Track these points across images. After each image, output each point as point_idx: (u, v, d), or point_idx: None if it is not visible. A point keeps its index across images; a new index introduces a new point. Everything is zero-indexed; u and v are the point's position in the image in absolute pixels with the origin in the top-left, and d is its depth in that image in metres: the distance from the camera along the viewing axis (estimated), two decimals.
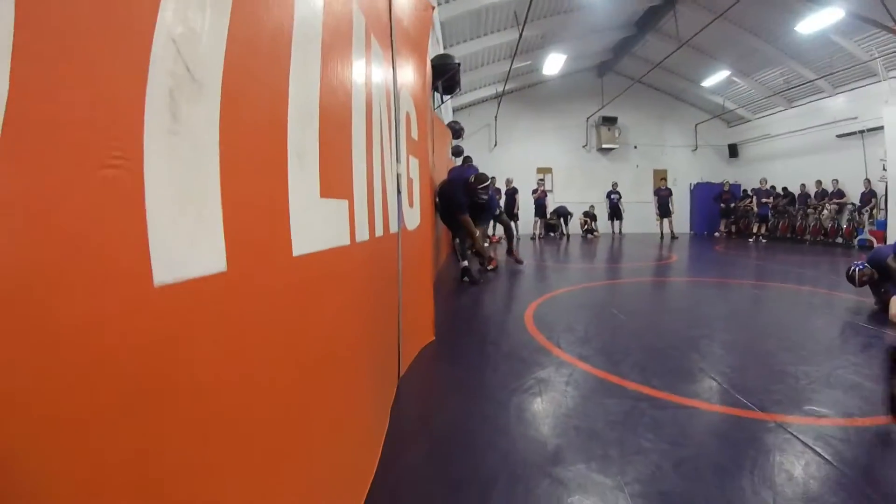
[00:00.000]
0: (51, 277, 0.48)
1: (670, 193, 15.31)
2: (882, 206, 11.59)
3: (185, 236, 0.70)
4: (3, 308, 0.44)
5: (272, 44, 0.99)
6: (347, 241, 1.50)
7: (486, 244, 8.19)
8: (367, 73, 1.81)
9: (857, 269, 4.74)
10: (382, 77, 2.16)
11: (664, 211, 15.26)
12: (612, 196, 15.79)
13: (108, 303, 0.56)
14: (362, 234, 1.69)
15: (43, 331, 0.47)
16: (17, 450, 0.45)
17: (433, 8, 3.55)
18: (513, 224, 13.96)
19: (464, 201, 6.00)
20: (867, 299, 4.88)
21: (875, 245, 10.95)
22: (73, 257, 0.51)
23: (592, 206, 16.35)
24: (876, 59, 11.51)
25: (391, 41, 2.38)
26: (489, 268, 7.26)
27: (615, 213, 15.80)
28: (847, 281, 4.86)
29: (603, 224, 16.29)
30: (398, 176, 2.56)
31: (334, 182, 1.37)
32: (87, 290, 0.53)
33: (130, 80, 0.60)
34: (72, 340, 0.51)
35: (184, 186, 0.70)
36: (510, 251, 7.45)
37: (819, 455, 1.93)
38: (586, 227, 16.03)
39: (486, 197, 6.23)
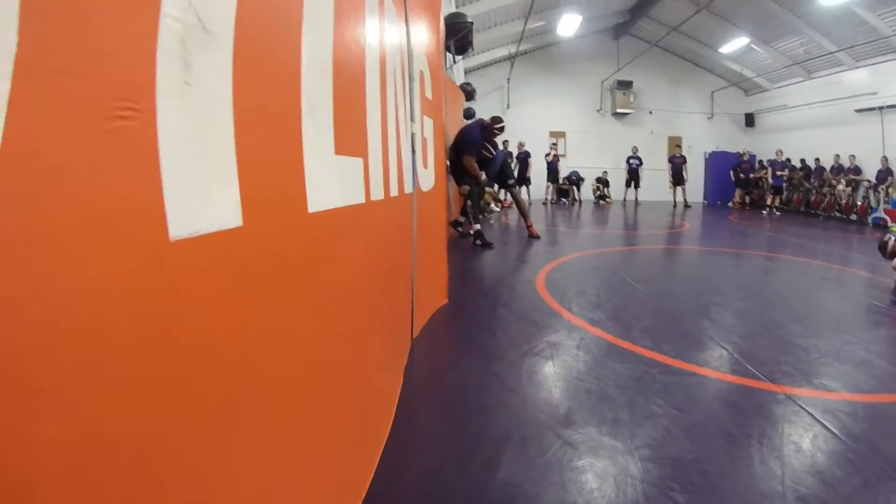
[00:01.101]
0: (66, 231, 0.47)
1: (684, 161, 15.02)
2: None
3: (201, 190, 0.69)
4: (21, 261, 0.43)
5: None
6: (363, 199, 1.49)
7: (498, 209, 8.11)
8: (381, 29, 1.77)
9: (892, 238, 4.63)
10: (396, 34, 2.12)
11: (678, 179, 14.97)
12: (632, 161, 15.38)
13: (124, 257, 0.55)
14: (377, 193, 1.68)
15: (59, 285, 0.47)
16: (33, 398, 0.44)
17: None
18: (524, 189, 13.93)
19: (478, 140, 6.00)
20: (880, 277, 4.84)
21: (889, 223, 10.84)
22: (88, 211, 0.50)
23: (605, 172, 16.14)
24: None
25: None
26: (461, 229, 7.24)
27: (633, 178, 15.42)
28: (878, 250, 4.78)
29: (616, 191, 16.10)
30: (413, 135, 2.53)
31: (349, 139, 1.35)
32: (103, 245, 0.52)
33: (141, 27, 0.58)
34: (89, 295, 0.50)
35: (198, 139, 0.68)
36: (528, 227, 7.26)
37: (827, 428, 1.93)
38: (598, 193, 15.88)
39: (493, 153, 6.22)
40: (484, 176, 6.28)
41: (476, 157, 6.10)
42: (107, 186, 0.53)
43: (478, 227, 6.40)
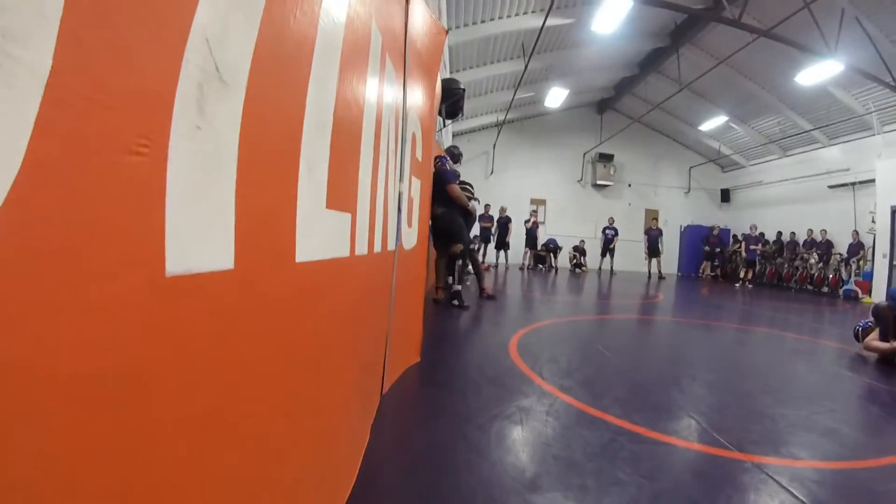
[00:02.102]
0: (70, 252, 0.50)
1: (660, 233, 15.39)
2: (869, 257, 11.80)
3: (200, 231, 0.71)
4: (23, 276, 0.45)
5: (296, 53, 1.02)
6: (347, 254, 1.52)
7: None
8: (380, 90, 1.85)
9: (860, 328, 4.83)
10: (393, 96, 2.20)
11: (653, 251, 15.30)
12: (608, 231, 15.70)
13: (121, 286, 0.57)
14: (361, 248, 1.71)
15: (57, 302, 0.48)
16: (20, 426, 0.46)
17: (446, 32, 3.61)
18: (503, 252, 14.12)
19: (451, 171, 6.17)
20: (849, 347, 5.02)
21: (860, 295, 11.23)
22: (94, 236, 0.52)
23: (583, 241, 16.41)
24: (871, 112, 11.78)
25: (404, 61, 2.43)
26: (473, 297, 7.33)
27: (608, 248, 15.70)
28: (853, 338, 5.02)
29: (592, 260, 16.33)
30: (400, 194, 2.59)
31: (340, 194, 1.39)
32: (103, 271, 0.54)
33: (165, 70, 0.62)
34: (83, 317, 0.52)
35: (202, 182, 0.71)
36: (481, 288, 7.51)
37: (793, 496, 1.94)
38: (575, 261, 16.09)
39: (472, 190, 6.65)
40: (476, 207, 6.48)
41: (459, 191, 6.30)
42: (115, 216, 0.55)
43: (458, 287, 6.46)
